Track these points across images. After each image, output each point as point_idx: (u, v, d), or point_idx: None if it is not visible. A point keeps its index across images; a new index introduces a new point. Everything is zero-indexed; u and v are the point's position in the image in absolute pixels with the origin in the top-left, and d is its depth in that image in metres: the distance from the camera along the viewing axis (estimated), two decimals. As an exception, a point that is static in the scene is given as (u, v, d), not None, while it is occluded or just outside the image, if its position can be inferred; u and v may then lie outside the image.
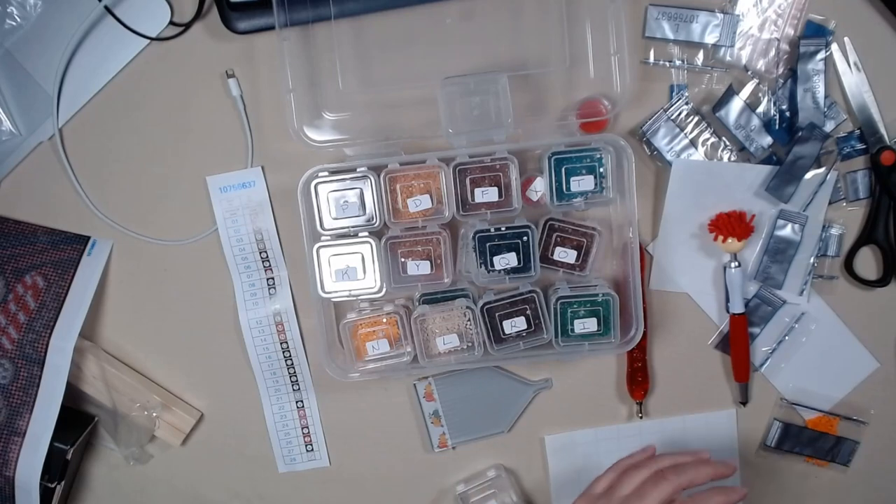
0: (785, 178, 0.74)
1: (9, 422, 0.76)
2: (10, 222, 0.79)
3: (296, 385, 0.81)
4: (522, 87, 0.74)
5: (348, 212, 0.74)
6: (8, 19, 0.75)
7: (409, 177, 0.73)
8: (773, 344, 0.79)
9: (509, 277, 0.74)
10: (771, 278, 0.76)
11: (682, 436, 0.80)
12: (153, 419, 0.79)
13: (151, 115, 0.77)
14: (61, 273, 0.78)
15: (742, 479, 0.81)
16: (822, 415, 0.79)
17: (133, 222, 0.79)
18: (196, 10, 0.75)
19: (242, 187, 0.78)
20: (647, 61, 0.75)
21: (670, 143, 0.75)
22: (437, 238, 0.74)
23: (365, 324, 0.76)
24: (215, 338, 0.80)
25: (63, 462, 0.77)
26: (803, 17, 0.74)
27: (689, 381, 0.80)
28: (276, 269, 0.79)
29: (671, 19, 0.74)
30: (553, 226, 0.75)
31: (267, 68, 0.76)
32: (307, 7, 0.72)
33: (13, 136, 0.77)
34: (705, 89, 0.76)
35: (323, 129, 0.74)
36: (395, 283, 0.74)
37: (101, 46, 0.76)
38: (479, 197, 0.73)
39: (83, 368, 0.78)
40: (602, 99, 0.73)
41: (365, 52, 0.74)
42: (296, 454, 0.82)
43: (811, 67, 0.73)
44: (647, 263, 0.78)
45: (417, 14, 0.73)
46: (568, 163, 0.73)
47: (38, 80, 0.76)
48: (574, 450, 0.81)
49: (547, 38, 0.73)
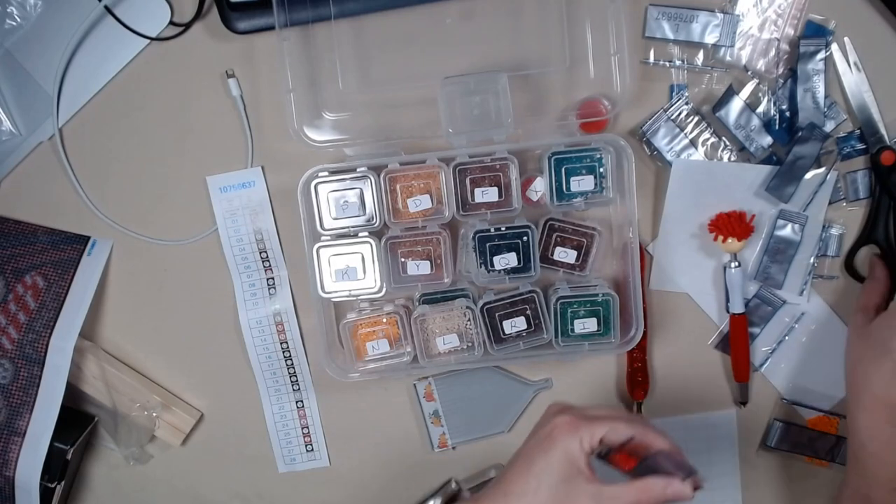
0: (785, 178, 0.74)
1: (9, 422, 0.76)
2: (10, 222, 0.79)
3: (296, 385, 0.81)
4: (522, 87, 0.74)
5: (348, 212, 0.74)
6: (8, 19, 0.75)
7: (409, 177, 0.73)
8: (773, 344, 0.79)
9: (509, 277, 0.74)
10: (771, 278, 0.76)
11: (682, 436, 0.80)
12: (153, 419, 0.79)
13: (151, 115, 0.77)
14: (61, 273, 0.78)
15: (742, 479, 0.81)
16: (822, 415, 0.79)
17: (133, 222, 0.79)
18: (196, 10, 0.75)
19: (242, 187, 0.78)
20: (647, 61, 0.75)
21: (670, 143, 0.75)
22: (437, 238, 0.74)
23: (365, 324, 0.76)
24: (215, 338, 0.80)
25: (63, 462, 0.77)
26: (803, 17, 0.74)
27: (689, 381, 0.80)
28: (276, 269, 0.79)
29: (671, 19, 0.74)
30: (553, 226, 0.75)
31: (267, 68, 0.76)
32: (307, 7, 0.72)
33: (13, 136, 0.77)
34: (705, 89, 0.76)
35: (323, 129, 0.74)
36: (395, 283, 0.74)
37: (101, 46, 0.76)
38: (479, 197, 0.73)
39: (83, 368, 0.78)
40: (602, 99, 0.73)
41: (365, 52, 0.74)
42: (296, 454, 0.82)
43: (811, 67, 0.73)
44: (647, 263, 0.78)
45: (417, 14, 0.73)
46: (568, 163, 0.73)
47: (38, 80, 0.76)
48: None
49: (547, 38, 0.73)
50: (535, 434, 0.60)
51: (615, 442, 0.58)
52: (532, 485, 0.57)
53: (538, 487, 0.57)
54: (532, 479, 0.57)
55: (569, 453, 0.57)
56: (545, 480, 0.57)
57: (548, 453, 0.58)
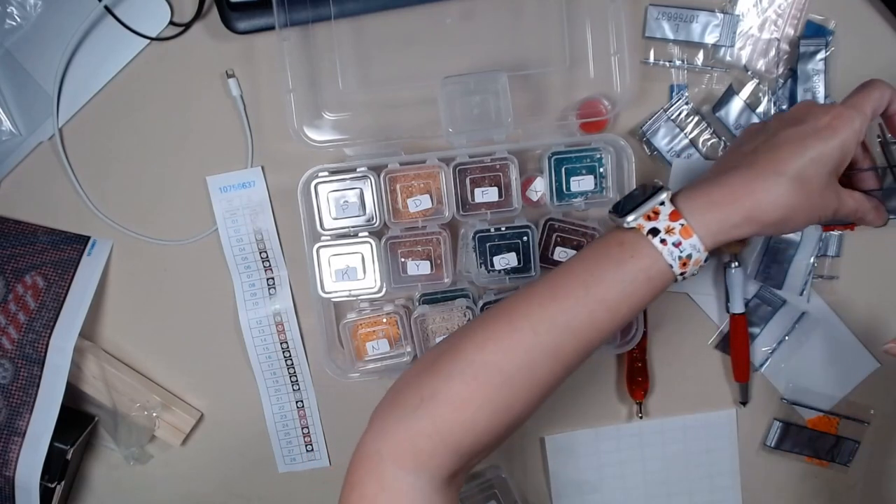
0: (785, 178, 0.74)
1: (9, 422, 0.76)
2: (10, 222, 0.79)
3: (296, 385, 0.81)
4: (522, 87, 0.74)
5: (348, 212, 0.74)
6: (8, 19, 0.75)
7: (409, 177, 0.73)
8: (773, 344, 0.79)
9: (509, 277, 0.74)
10: (771, 278, 0.76)
11: (682, 436, 0.80)
12: (153, 419, 0.79)
13: (151, 115, 0.77)
14: (61, 273, 0.78)
15: (742, 479, 0.81)
16: (823, 415, 0.79)
17: (133, 222, 0.79)
18: (196, 10, 0.75)
19: (242, 187, 0.78)
20: (647, 61, 0.75)
21: (670, 143, 0.75)
22: (437, 238, 0.74)
23: (365, 324, 0.76)
24: (215, 338, 0.80)
25: (63, 462, 0.77)
26: (803, 17, 0.74)
27: (689, 381, 0.80)
28: (276, 269, 0.79)
29: (671, 19, 0.74)
30: (553, 226, 0.75)
31: (267, 68, 0.76)
32: (307, 7, 0.72)
33: (13, 136, 0.77)
34: (705, 89, 0.76)
35: (323, 129, 0.74)
36: (395, 283, 0.74)
37: (101, 46, 0.76)
38: (479, 197, 0.73)
39: (83, 368, 0.78)
40: (602, 99, 0.73)
41: (365, 52, 0.74)
42: (296, 454, 0.82)
43: (811, 67, 0.73)
44: (647, 263, 0.78)
45: (417, 14, 0.73)
46: (568, 163, 0.73)
47: (38, 80, 0.76)
48: (574, 450, 0.81)
49: (547, 38, 0.73)
50: (805, 121, 0.58)
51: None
52: (801, 168, 0.56)
53: (805, 173, 0.56)
54: (807, 164, 0.56)
55: (846, 146, 0.57)
56: (817, 170, 0.57)
57: (827, 143, 0.57)
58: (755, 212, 0.56)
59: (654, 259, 0.56)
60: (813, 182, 0.57)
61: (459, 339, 0.57)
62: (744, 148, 0.60)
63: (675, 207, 0.57)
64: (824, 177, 0.57)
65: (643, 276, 0.56)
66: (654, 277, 0.56)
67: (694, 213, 0.56)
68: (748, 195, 0.56)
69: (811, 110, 0.59)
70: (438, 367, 0.56)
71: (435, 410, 0.54)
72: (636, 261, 0.56)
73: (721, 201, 0.56)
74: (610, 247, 0.57)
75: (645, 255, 0.56)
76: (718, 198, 0.57)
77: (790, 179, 0.56)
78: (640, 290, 0.56)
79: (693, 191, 0.58)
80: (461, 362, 0.55)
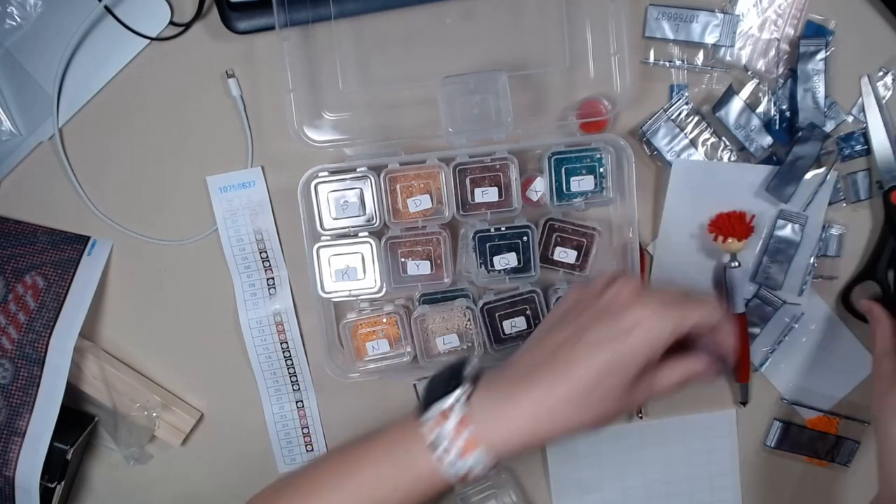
0: (785, 178, 0.74)
1: (9, 422, 0.76)
2: (10, 222, 0.79)
3: (296, 385, 0.81)
4: (522, 87, 0.74)
5: (348, 212, 0.74)
6: (8, 19, 0.75)
7: (409, 177, 0.73)
8: (773, 344, 0.79)
9: (509, 277, 0.74)
10: (771, 278, 0.76)
11: (682, 436, 0.80)
12: (153, 419, 0.79)
13: (151, 115, 0.77)
14: (61, 273, 0.78)
15: (742, 478, 0.81)
16: (822, 415, 0.79)
17: (133, 222, 0.79)
18: (196, 10, 0.75)
19: (242, 187, 0.78)
20: (647, 61, 0.75)
21: (670, 143, 0.75)
22: (437, 238, 0.74)
23: (365, 324, 0.76)
24: (215, 338, 0.80)
25: (63, 462, 0.77)
26: (803, 17, 0.74)
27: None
28: (276, 269, 0.79)
29: (671, 19, 0.74)
30: (553, 226, 0.75)
31: (267, 68, 0.76)
32: (307, 7, 0.72)
33: (13, 136, 0.77)
34: (705, 89, 0.76)
35: (323, 129, 0.74)
36: (395, 283, 0.74)
37: (101, 46, 0.76)
38: (479, 197, 0.73)
39: (83, 368, 0.78)
40: (602, 99, 0.73)
41: (365, 52, 0.74)
42: (296, 454, 0.82)
43: (811, 67, 0.73)
44: (647, 263, 0.78)
45: (417, 14, 0.73)
46: (568, 163, 0.73)
47: (38, 80, 0.76)
48: (574, 450, 0.81)
49: (547, 38, 0.73)
50: (600, 321, 0.57)
51: (705, 328, 0.57)
52: (598, 378, 0.55)
53: (602, 381, 0.55)
54: (602, 374, 0.55)
55: (652, 348, 0.55)
56: (618, 377, 0.55)
57: (629, 348, 0.55)
58: (551, 433, 0.57)
59: (433, 470, 0.57)
60: (615, 389, 0.56)
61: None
62: (555, 336, 0.59)
63: (468, 412, 0.57)
64: (629, 378, 0.56)
65: (423, 486, 0.57)
66: (437, 484, 0.57)
67: (487, 421, 0.56)
68: (540, 418, 0.56)
69: (619, 302, 0.58)
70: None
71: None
72: (416, 470, 0.57)
73: (514, 418, 0.56)
74: (396, 448, 0.59)
75: (423, 465, 0.57)
76: (512, 413, 0.56)
77: (586, 396, 0.55)
78: (417, 493, 0.58)
79: (493, 390, 0.58)
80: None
